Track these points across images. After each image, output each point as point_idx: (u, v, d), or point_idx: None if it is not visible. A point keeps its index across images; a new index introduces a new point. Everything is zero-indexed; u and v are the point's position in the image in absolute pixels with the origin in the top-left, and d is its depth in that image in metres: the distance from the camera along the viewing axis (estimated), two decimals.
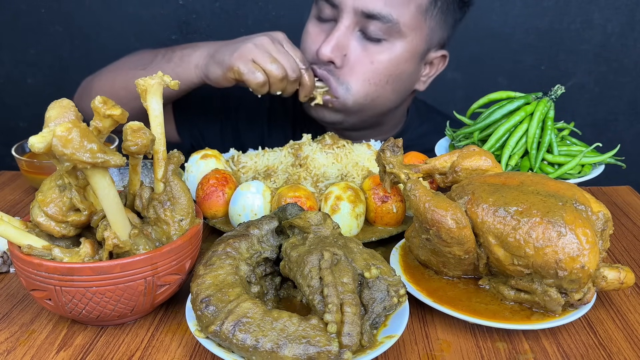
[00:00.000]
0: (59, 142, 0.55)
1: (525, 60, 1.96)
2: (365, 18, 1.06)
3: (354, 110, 1.14)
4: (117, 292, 0.64)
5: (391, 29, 1.07)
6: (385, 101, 1.16)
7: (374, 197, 0.87)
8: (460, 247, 0.69)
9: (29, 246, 0.63)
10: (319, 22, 1.14)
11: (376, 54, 1.09)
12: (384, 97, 1.15)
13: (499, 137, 0.95)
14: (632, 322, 0.72)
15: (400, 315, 0.65)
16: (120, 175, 1.04)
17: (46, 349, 0.66)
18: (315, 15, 1.15)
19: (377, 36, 1.08)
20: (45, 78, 2.04)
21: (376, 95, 1.13)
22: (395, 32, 1.08)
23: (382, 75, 1.11)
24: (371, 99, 1.13)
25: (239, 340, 0.57)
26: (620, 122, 2.04)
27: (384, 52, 1.10)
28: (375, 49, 1.09)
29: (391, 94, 1.15)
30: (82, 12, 1.93)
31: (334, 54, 1.08)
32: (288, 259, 0.67)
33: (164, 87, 0.68)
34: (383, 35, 1.08)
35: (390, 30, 1.07)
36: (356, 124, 1.20)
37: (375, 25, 1.07)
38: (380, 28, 1.07)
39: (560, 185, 0.71)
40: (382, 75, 1.11)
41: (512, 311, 0.69)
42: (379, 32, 1.07)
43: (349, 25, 1.08)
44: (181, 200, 0.70)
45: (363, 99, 1.13)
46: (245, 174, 0.99)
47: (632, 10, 1.88)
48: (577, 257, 0.64)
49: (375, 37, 1.08)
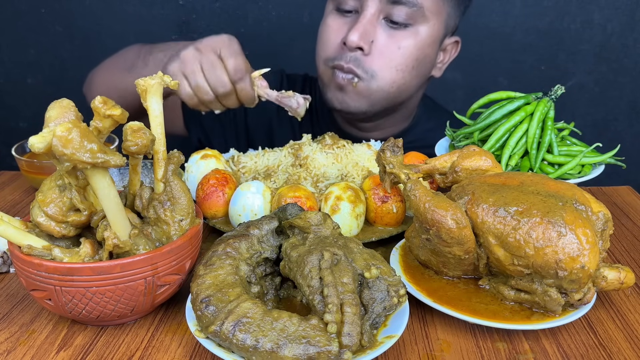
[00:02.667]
0: (59, 142, 0.55)
1: (525, 60, 1.96)
2: (391, 4, 1.08)
3: (378, 97, 1.15)
4: (117, 292, 0.64)
5: (416, 14, 1.09)
6: (408, 87, 1.18)
7: (374, 197, 0.87)
8: (460, 247, 0.69)
9: (29, 246, 0.63)
10: (340, 14, 1.15)
11: (402, 39, 1.11)
12: (408, 83, 1.17)
13: (499, 137, 0.95)
14: (632, 322, 0.72)
15: (400, 315, 0.65)
16: (120, 175, 1.04)
17: (46, 349, 0.66)
18: (335, 7, 1.16)
19: (402, 21, 1.10)
20: (45, 78, 2.04)
21: (402, 82, 1.15)
22: (419, 17, 1.10)
23: (409, 60, 1.13)
24: (397, 86, 1.15)
25: (239, 340, 0.57)
26: (620, 122, 2.04)
27: (410, 37, 1.11)
28: (402, 34, 1.11)
29: (415, 79, 1.17)
30: (82, 12, 1.93)
31: (363, 41, 1.09)
32: (288, 259, 0.67)
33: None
34: (408, 20, 1.10)
35: (414, 15, 1.09)
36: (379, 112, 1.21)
37: (400, 10, 1.08)
38: (406, 13, 1.09)
39: (560, 185, 0.71)
40: (409, 60, 1.13)
41: (512, 311, 0.69)
42: (405, 16, 1.09)
43: (374, 13, 1.09)
44: (181, 200, 0.70)
45: (389, 86, 1.14)
46: (245, 174, 0.99)
47: (632, 10, 1.88)
48: (577, 257, 0.64)
49: (401, 22, 1.10)
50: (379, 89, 1.14)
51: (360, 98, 1.15)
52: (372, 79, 1.12)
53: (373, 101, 1.16)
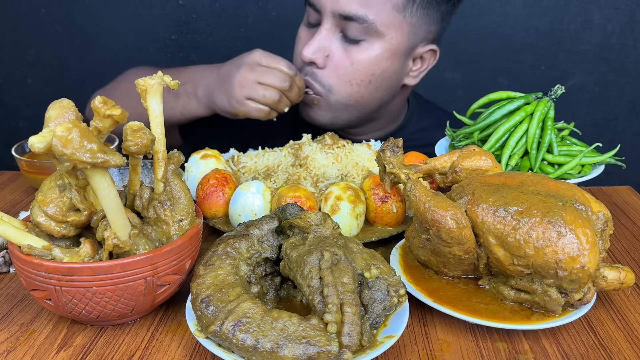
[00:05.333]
0: (59, 142, 0.55)
1: (525, 60, 1.96)
2: (344, 20, 1.09)
3: (339, 108, 1.17)
4: (117, 292, 0.64)
5: (369, 29, 1.09)
6: (371, 99, 1.18)
7: (374, 197, 0.87)
8: (460, 247, 0.69)
9: (29, 246, 0.63)
10: (308, 27, 1.18)
11: (355, 54, 1.12)
12: (368, 96, 1.17)
13: (499, 137, 0.95)
14: (632, 322, 0.72)
15: (400, 315, 0.65)
16: (120, 175, 1.04)
17: (46, 349, 0.66)
18: (305, 20, 1.19)
19: (356, 37, 1.11)
20: (45, 78, 2.04)
21: (359, 95, 1.16)
22: (373, 32, 1.10)
23: (363, 75, 1.14)
24: (355, 99, 1.16)
25: (239, 340, 0.57)
26: (620, 122, 2.04)
27: (363, 53, 1.12)
28: (355, 49, 1.12)
29: (376, 93, 1.18)
30: (82, 12, 1.93)
31: (316, 56, 1.11)
32: (288, 259, 0.67)
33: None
34: (362, 35, 1.10)
35: (368, 31, 1.09)
36: (351, 122, 1.23)
37: (353, 27, 1.09)
38: (358, 29, 1.09)
39: (560, 185, 0.71)
40: (363, 75, 1.14)
41: (512, 311, 0.69)
42: (357, 33, 1.10)
43: (330, 28, 1.11)
44: (181, 200, 0.70)
45: (347, 100, 1.16)
46: (245, 174, 0.99)
47: (632, 10, 1.88)
48: (577, 257, 0.64)
49: (355, 38, 1.11)
50: (337, 102, 1.16)
51: (322, 111, 1.18)
52: (329, 93, 1.15)
53: (335, 113, 1.19)
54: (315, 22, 1.14)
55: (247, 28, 1.93)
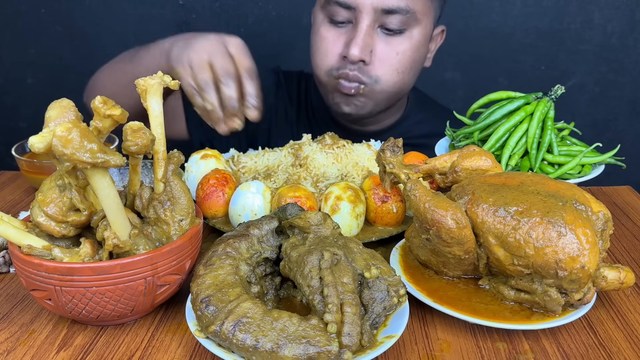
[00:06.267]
0: (59, 142, 0.55)
1: (525, 60, 1.96)
2: (385, 14, 1.12)
3: (382, 97, 1.21)
4: (117, 292, 0.64)
5: (409, 19, 1.14)
6: (408, 85, 1.24)
7: (374, 197, 0.87)
8: (460, 247, 0.69)
9: (29, 246, 0.63)
10: (334, 25, 1.18)
11: (399, 44, 1.16)
12: (408, 82, 1.23)
13: (499, 137, 0.95)
14: (632, 322, 0.72)
15: (400, 315, 0.65)
16: (120, 175, 1.04)
17: (46, 349, 0.66)
18: (327, 18, 1.18)
19: (397, 28, 1.14)
20: (45, 78, 2.04)
21: (402, 82, 1.21)
22: (412, 21, 1.14)
23: (407, 62, 1.18)
24: (398, 87, 1.21)
25: (239, 340, 0.57)
26: (620, 122, 2.04)
27: (405, 42, 1.16)
28: (398, 40, 1.16)
29: (413, 77, 1.24)
30: (82, 12, 1.93)
31: (364, 54, 1.13)
32: (288, 259, 0.67)
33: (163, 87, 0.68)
34: (402, 26, 1.14)
35: (408, 21, 1.14)
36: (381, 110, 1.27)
37: (395, 19, 1.13)
38: (400, 20, 1.13)
39: (560, 185, 0.71)
40: (407, 62, 1.18)
41: (512, 311, 0.69)
42: (399, 23, 1.14)
43: (370, 24, 1.13)
44: (181, 200, 0.70)
45: (391, 87, 1.20)
46: (245, 174, 0.99)
47: (632, 10, 1.88)
48: (577, 257, 0.64)
49: (396, 28, 1.14)
50: (382, 91, 1.19)
51: (366, 101, 1.21)
52: (375, 84, 1.18)
53: (377, 102, 1.22)
54: (345, 20, 1.15)
55: (247, 28, 1.93)
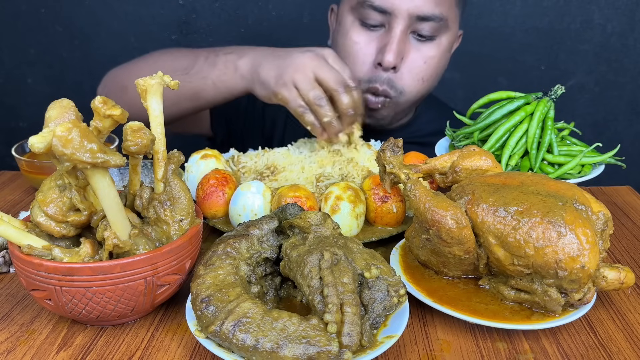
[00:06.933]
0: (59, 142, 0.55)
1: (525, 60, 1.96)
2: (419, 20, 1.11)
3: (403, 108, 1.21)
4: (117, 292, 0.64)
5: (441, 26, 1.13)
6: (429, 91, 1.23)
7: (374, 197, 0.87)
8: (460, 247, 0.69)
9: (29, 246, 0.63)
10: (365, 28, 1.15)
11: (428, 51, 1.15)
12: (430, 89, 1.22)
13: (499, 137, 0.95)
14: (632, 322, 0.72)
15: (400, 315, 0.65)
16: (120, 175, 1.04)
17: (46, 349, 0.66)
18: (358, 21, 1.16)
19: (429, 35, 1.13)
20: (45, 78, 2.04)
21: (425, 91, 1.21)
22: (443, 28, 1.14)
23: (433, 70, 1.17)
24: (421, 95, 1.21)
25: (239, 340, 0.57)
26: (620, 122, 2.04)
27: (434, 48, 1.15)
28: (427, 47, 1.15)
29: (434, 84, 1.23)
30: (82, 12, 1.93)
31: (397, 60, 1.12)
32: (288, 259, 0.67)
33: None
34: (434, 33, 1.14)
35: (440, 28, 1.13)
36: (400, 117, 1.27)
37: (428, 25, 1.12)
38: (432, 27, 1.12)
39: (560, 185, 0.71)
40: (433, 70, 1.17)
41: (512, 311, 0.69)
42: (431, 30, 1.13)
43: (403, 30, 1.12)
44: (181, 200, 0.70)
45: (414, 97, 1.19)
46: (245, 174, 0.99)
47: (632, 10, 1.88)
48: (577, 257, 0.64)
49: (428, 35, 1.13)
50: (406, 101, 1.19)
51: (387, 113, 1.20)
52: (400, 95, 1.17)
53: (397, 112, 1.22)
54: (377, 23, 1.13)
55: (247, 28, 1.93)
